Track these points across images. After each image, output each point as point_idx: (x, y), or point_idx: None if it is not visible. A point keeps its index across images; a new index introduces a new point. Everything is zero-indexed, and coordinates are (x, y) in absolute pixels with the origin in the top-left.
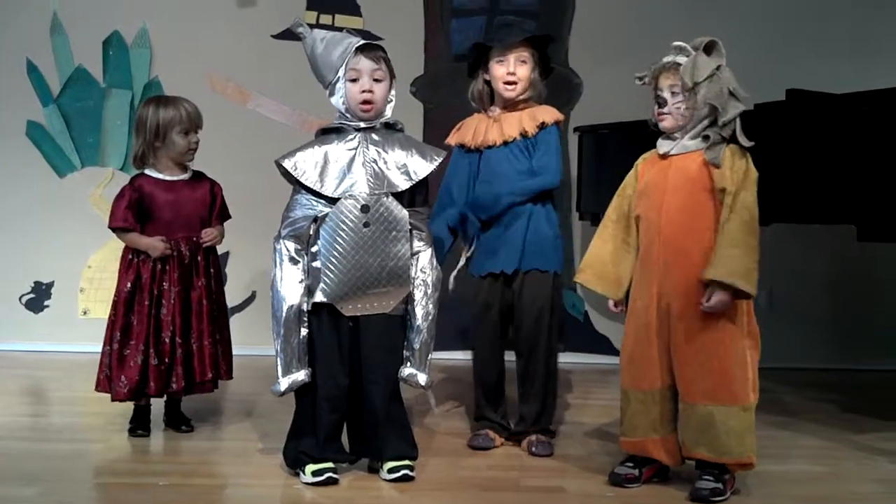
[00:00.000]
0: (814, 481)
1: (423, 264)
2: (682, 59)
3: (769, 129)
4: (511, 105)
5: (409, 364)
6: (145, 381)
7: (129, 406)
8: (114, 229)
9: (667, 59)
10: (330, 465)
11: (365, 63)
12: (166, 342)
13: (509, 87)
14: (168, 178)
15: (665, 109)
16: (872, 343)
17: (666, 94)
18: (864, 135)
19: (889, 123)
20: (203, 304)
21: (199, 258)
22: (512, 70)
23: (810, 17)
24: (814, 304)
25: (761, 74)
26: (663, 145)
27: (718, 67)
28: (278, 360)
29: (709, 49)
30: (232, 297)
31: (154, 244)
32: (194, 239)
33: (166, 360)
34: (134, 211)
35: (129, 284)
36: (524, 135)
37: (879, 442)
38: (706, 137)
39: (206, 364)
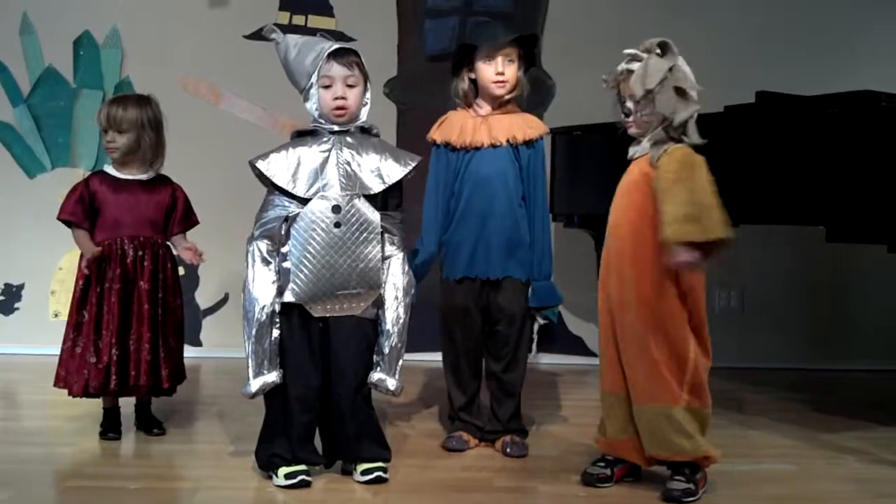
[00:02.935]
0: (784, 480)
1: (395, 269)
2: (634, 66)
3: (739, 130)
4: (499, 104)
5: (378, 369)
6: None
7: (99, 409)
8: (62, 221)
9: (621, 66)
10: (303, 467)
11: (337, 69)
12: (105, 341)
13: (499, 86)
14: (123, 176)
15: (630, 119)
16: (841, 343)
17: (629, 104)
18: (833, 137)
19: (857, 126)
20: (144, 307)
21: (145, 262)
22: (501, 70)
23: (782, 19)
24: (783, 305)
25: (732, 76)
26: (631, 149)
27: (671, 69)
28: (249, 361)
29: (662, 50)
30: (204, 298)
31: (89, 248)
32: (140, 239)
33: (104, 358)
34: (84, 206)
35: (81, 282)
36: (512, 142)
37: (849, 441)
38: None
39: (141, 369)
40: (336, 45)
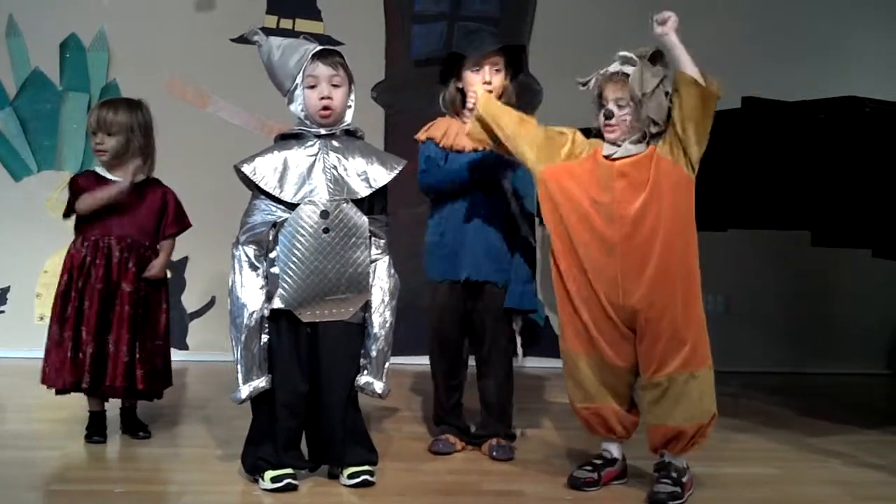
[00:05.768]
0: (769, 484)
1: (381, 272)
2: (628, 70)
3: (725, 135)
4: None
5: (365, 372)
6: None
7: (84, 412)
8: (69, 216)
9: (612, 68)
10: (289, 471)
11: (322, 69)
12: (82, 337)
13: None
14: (111, 177)
15: (613, 122)
16: (826, 347)
17: (612, 107)
18: (818, 142)
19: (841, 131)
20: (125, 308)
21: (129, 264)
22: (488, 79)
23: (769, 25)
24: (769, 309)
25: (718, 82)
26: (606, 148)
27: (663, 79)
28: (238, 367)
29: (654, 59)
30: (190, 302)
31: (113, 187)
32: (128, 241)
33: (80, 354)
34: (78, 189)
35: (65, 277)
36: None
37: (833, 444)
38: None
39: (118, 371)
40: (320, 46)
